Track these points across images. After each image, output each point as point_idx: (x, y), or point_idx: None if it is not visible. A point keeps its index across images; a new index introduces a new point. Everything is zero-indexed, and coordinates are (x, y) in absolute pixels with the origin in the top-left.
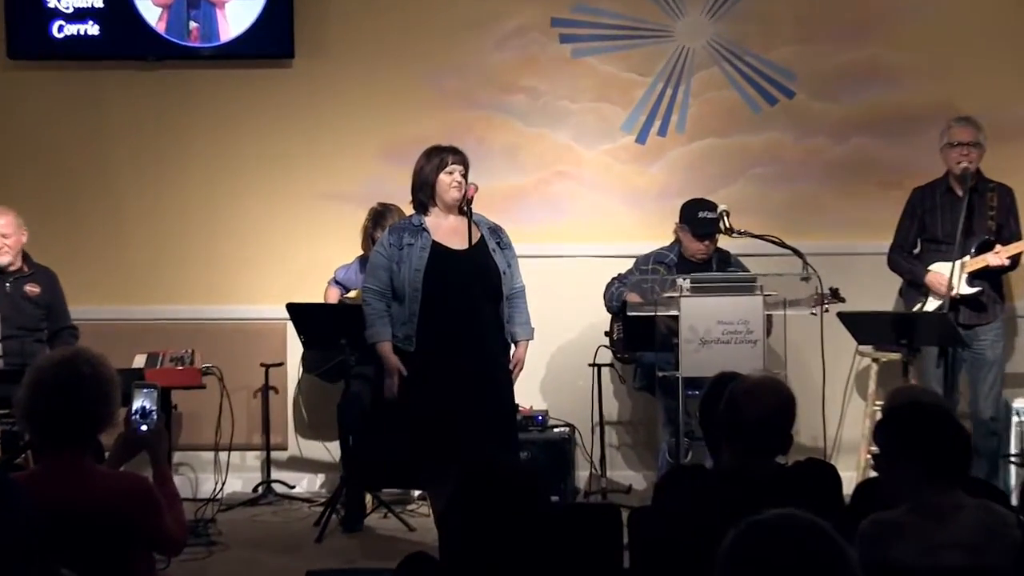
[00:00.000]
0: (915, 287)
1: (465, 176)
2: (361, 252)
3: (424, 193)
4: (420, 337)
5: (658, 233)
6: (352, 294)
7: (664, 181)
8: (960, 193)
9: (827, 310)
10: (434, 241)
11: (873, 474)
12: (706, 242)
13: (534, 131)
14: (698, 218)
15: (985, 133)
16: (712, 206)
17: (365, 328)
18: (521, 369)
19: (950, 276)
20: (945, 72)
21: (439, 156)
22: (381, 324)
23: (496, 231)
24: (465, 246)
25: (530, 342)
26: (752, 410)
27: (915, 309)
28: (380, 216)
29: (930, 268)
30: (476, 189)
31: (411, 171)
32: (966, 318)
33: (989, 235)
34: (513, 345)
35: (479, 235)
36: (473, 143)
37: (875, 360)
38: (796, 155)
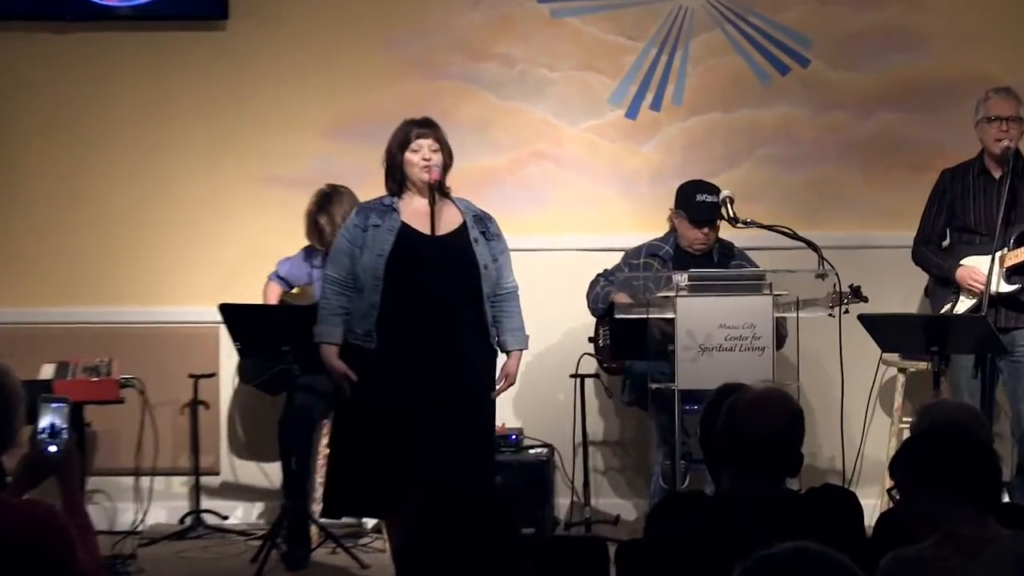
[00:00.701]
0: (944, 285)
1: (443, 151)
2: (307, 243)
3: (394, 176)
4: (381, 334)
5: (651, 222)
6: (296, 291)
7: (658, 162)
8: (998, 175)
9: (847, 311)
10: (404, 223)
11: None
12: (705, 229)
13: (508, 104)
14: (695, 201)
15: None
16: (713, 189)
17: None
18: (511, 384)
19: (988, 272)
20: (981, 37)
21: (404, 131)
22: (330, 323)
23: (482, 219)
24: (439, 231)
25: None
26: (754, 426)
27: (944, 310)
28: (327, 200)
29: (962, 262)
30: (439, 172)
31: (364, 150)
32: (1004, 320)
33: None
34: (504, 356)
35: (460, 221)
36: (436, 118)
37: (902, 370)
38: (811, 133)
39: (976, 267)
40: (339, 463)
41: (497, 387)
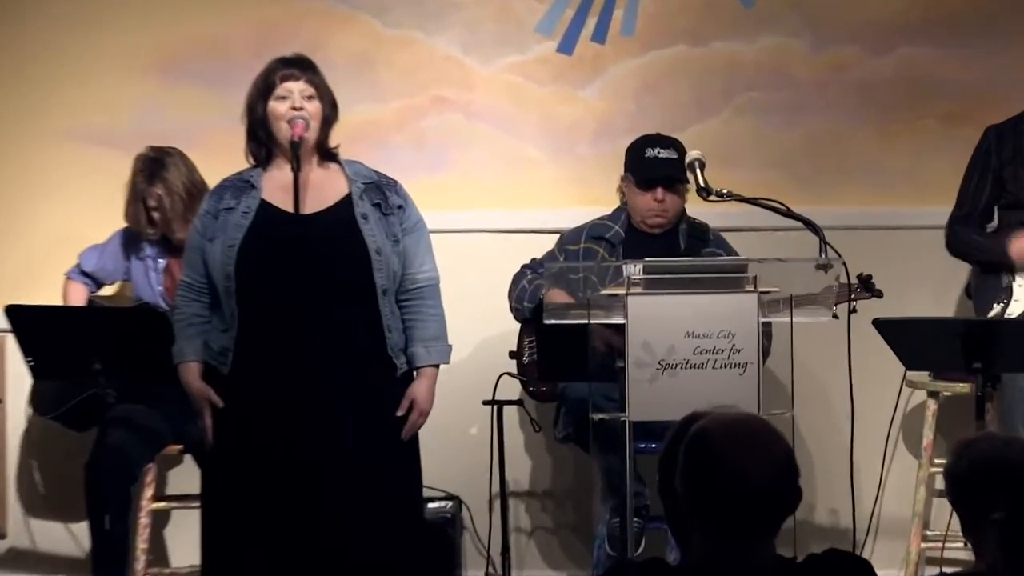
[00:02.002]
0: (993, 274)
1: (321, 98)
2: (125, 224)
3: (257, 137)
4: (239, 354)
5: (595, 194)
6: (109, 291)
7: (604, 113)
8: None
9: (855, 310)
10: (263, 201)
11: (929, 574)
12: (659, 193)
13: (398, 34)
14: (645, 158)
15: None
16: (671, 143)
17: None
18: (424, 416)
19: None
20: None
21: (264, 73)
22: (186, 336)
23: (379, 188)
24: (310, 208)
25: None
26: (724, 467)
27: (993, 313)
28: (155, 166)
29: (1018, 236)
30: (307, 126)
31: (205, 97)
32: None
33: None
34: (413, 374)
35: (344, 193)
36: (301, 52)
37: (933, 394)
38: (810, 73)
39: None
40: (205, 532)
41: (401, 415)
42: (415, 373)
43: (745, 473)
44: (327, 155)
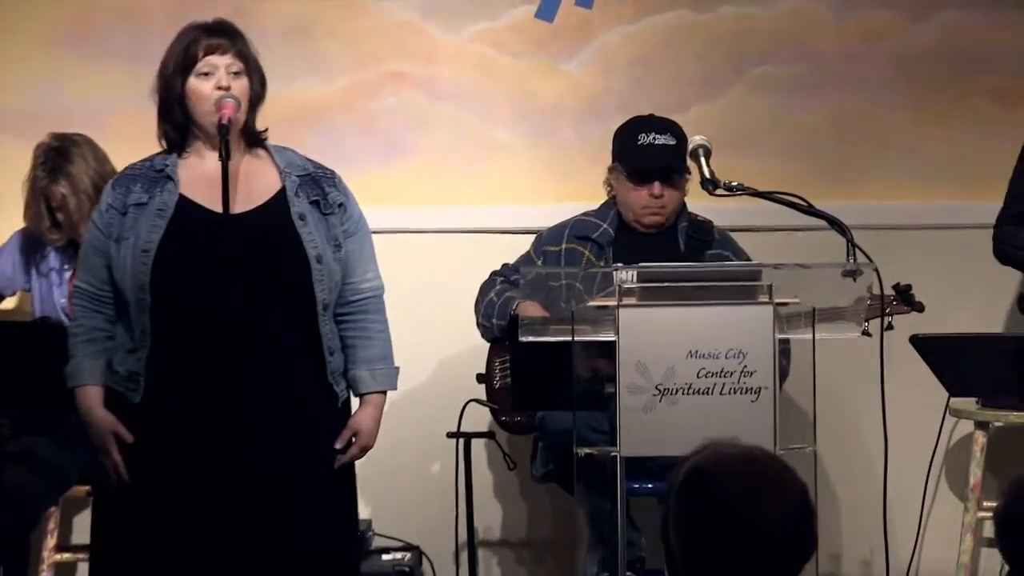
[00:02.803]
0: None
1: (249, 75)
2: (25, 224)
3: (171, 118)
4: (152, 378)
5: (581, 187)
6: (8, 303)
7: (591, 90)
8: None
9: (891, 326)
10: (182, 196)
11: None
12: (655, 187)
13: None
14: (636, 145)
15: None
16: (667, 127)
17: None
18: (365, 452)
19: None
20: None
21: (183, 44)
22: (85, 354)
23: (316, 182)
24: (238, 206)
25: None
26: (726, 512)
27: None
28: (58, 158)
29: None
30: (238, 108)
31: (117, 73)
32: None
33: None
34: (354, 400)
35: (277, 188)
36: (231, 19)
37: (982, 425)
38: (836, 43)
39: None
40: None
41: (340, 446)
42: (360, 400)
43: (751, 519)
44: (254, 141)
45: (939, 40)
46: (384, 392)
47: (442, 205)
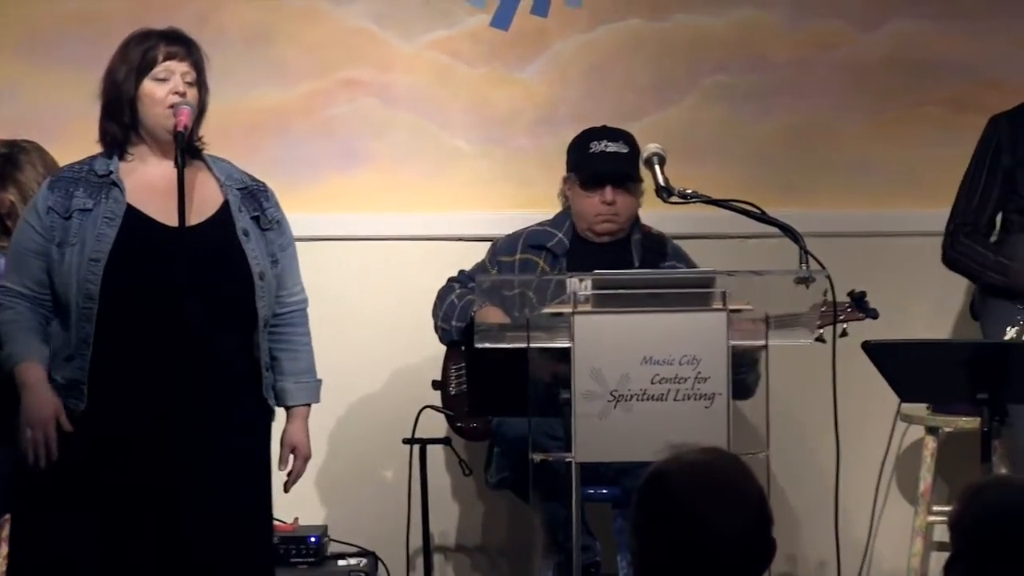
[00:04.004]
0: (1003, 296)
1: (199, 86)
2: None
3: (118, 118)
4: (96, 388)
5: (536, 195)
6: None
7: (546, 98)
8: None
9: (844, 334)
10: (130, 206)
11: None
12: (607, 193)
13: (303, 5)
14: (589, 153)
15: None
16: (620, 135)
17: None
18: (305, 463)
19: None
20: None
21: (141, 48)
22: (26, 337)
23: (254, 195)
24: (189, 219)
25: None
26: (685, 518)
27: (1008, 337)
28: (7, 164)
29: None
30: (192, 115)
31: (74, 80)
32: None
33: None
34: (281, 411)
35: (220, 201)
36: (190, 26)
37: (932, 430)
38: (789, 52)
39: None
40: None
41: (285, 471)
42: (287, 414)
43: (708, 524)
44: (193, 152)
45: (890, 49)
46: (309, 405)
47: (398, 212)
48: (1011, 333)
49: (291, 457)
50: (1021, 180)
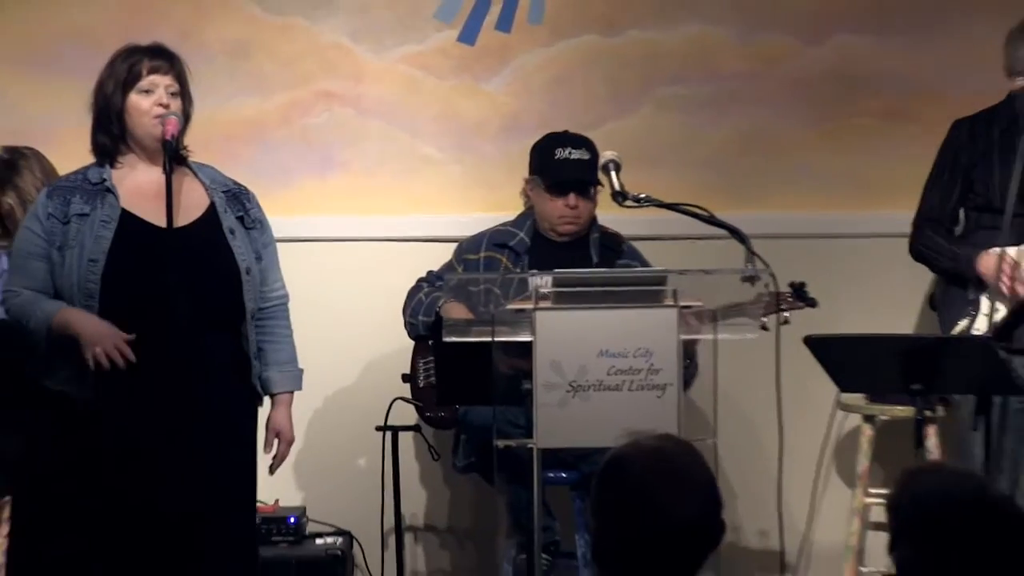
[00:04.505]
0: (960, 287)
1: (183, 96)
2: None
3: (108, 129)
4: (96, 379)
5: (500, 198)
6: None
7: (510, 108)
8: None
9: (787, 321)
10: (124, 210)
11: None
12: (571, 198)
13: (280, 20)
14: (555, 159)
15: None
16: (582, 142)
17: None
18: (289, 447)
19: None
20: None
21: (127, 63)
22: (45, 300)
23: (237, 198)
24: (179, 220)
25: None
26: (641, 501)
27: (959, 328)
28: (7, 170)
29: (988, 251)
30: (179, 124)
31: (68, 90)
32: None
33: None
34: (266, 400)
35: (207, 203)
36: (173, 40)
37: (869, 418)
38: (738, 65)
39: (1010, 254)
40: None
41: (270, 453)
42: (272, 401)
43: (664, 506)
44: (179, 159)
45: (832, 63)
46: (291, 392)
47: (371, 215)
48: (961, 325)
49: (275, 441)
50: (977, 178)
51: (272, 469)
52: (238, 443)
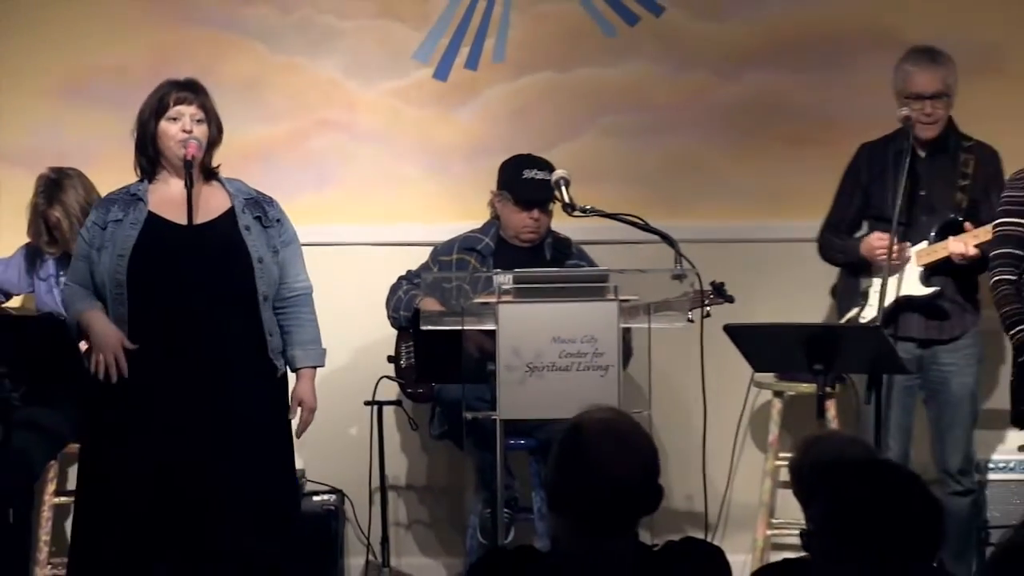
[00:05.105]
0: (853, 276)
1: (209, 122)
2: (28, 240)
3: (145, 152)
4: (129, 357)
5: (469, 209)
6: (14, 303)
7: (477, 134)
8: (924, 154)
9: (709, 315)
10: (150, 213)
11: (774, 558)
12: (535, 213)
13: (285, 59)
14: (522, 179)
15: (955, 72)
16: (545, 164)
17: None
18: (311, 413)
19: (886, 266)
20: None
21: (161, 94)
22: (82, 297)
23: (258, 203)
24: (197, 220)
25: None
26: (592, 462)
27: (849, 316)
28: (55, 187)
29: (868, 236)
30: (200, 148)
31: (102, 117)
32: (920, 331)
33: (957, 213)
34: (292, 376)
35: (228, 207)
36: (195, 76)
37: (778, 394)
38: (667, 97)
39: (883, 235)
40: (83, 526)
41: (294, 420)
42: (296, 375)
43: (612, 467)
44: (210, 174)
45: (748, 95)
46: (315, 367)
47: (362, 224)
48: (854, 311)
49: (299, 409)
50: (874, 193)
51: (298, 433)
52: (258, 409)
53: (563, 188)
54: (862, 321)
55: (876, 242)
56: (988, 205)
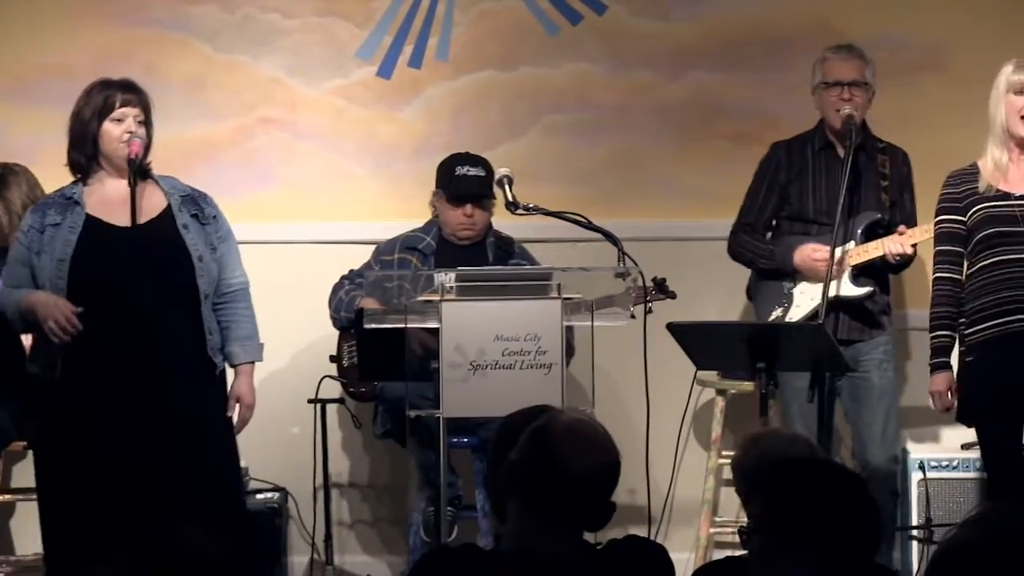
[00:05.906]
0: (772, 279)
1: (146, 123)
2: None
3: (83, 150)
4: (67, 362)
5: (413, 208)
6: None
7: (421, 132)
8: (842, 152)
9: (651, 311)
10: (88, 216)
11: (718, 556)
12: (468, 208)
13: (228, 58)
14: (455, 175)
15: (874, 68)
16: (479, 161)
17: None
18: (251, 410)
19: (827, 270)
20: None
21: (103, 95)
22: (15, 292)
23: (194, 200)
24: (139, 221)
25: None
26: (556, 460)
27: (774, 316)
28: None
29: (802, 246)
30: (142, 146)
31: (41, 115)
32: (846, 331)
33: (881, 213)
34: (229, 371)
35: (164, 205)
36: (136, 75)
37: (721, 392)
38: (610, 96)
39: (823, 247)
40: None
41: (232, 417)
42: (235, 371)
43: (568, 469)
44: (145, 174)
45: (690, 95)
46: (253, 362)
47: (303, 222)
48: (776, 313)
49: (236, 406)
50: (791, 193)
51: (237, 430)
52: (201, 408)
53: (506, 186)
54: (787, 322)
55: (814, 253)
56: (902, 206)
